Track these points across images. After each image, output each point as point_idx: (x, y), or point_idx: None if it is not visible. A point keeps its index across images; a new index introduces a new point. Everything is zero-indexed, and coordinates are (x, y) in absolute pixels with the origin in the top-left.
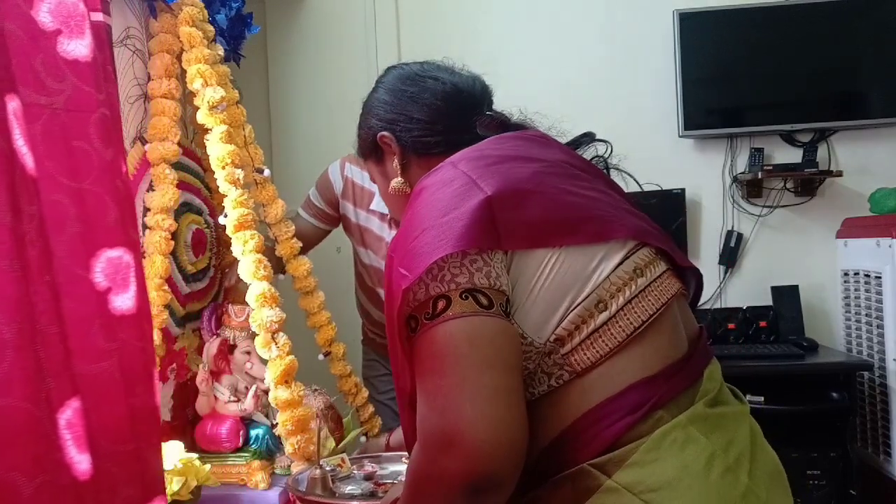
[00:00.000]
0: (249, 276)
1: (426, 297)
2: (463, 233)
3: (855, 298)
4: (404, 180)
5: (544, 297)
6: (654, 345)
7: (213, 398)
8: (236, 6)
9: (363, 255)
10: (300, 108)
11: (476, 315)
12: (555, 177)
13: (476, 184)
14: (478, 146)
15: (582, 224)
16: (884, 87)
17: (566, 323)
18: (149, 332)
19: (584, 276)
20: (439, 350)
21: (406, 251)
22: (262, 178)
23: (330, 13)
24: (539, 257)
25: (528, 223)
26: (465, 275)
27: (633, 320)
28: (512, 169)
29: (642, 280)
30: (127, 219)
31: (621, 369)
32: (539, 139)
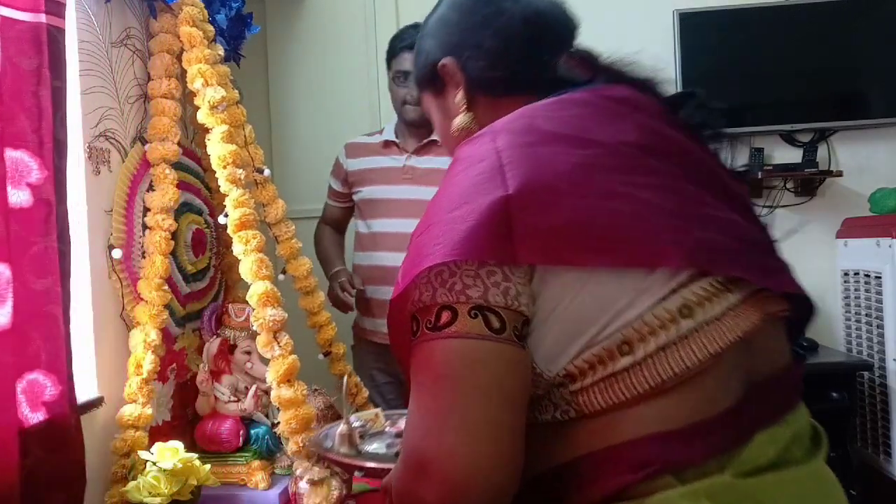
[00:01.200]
0: (250, 275)
1: (431, 303)
2: (465, 238)
3: (855, 298)
4: (473, 116)
5: (561, 325)
6: (683, 395)
7: (213, 398)
8: (236, 6)
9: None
10: (300, 108)
11: (483, 339)
12: (607, 171)
13: (501, 172)
14: (535, 108)
15: (622, 242)
16: (884, 87)
17: (580, 360)
18: (18, 346)
19: (612, 308)
20: (435, 368)
21: (417, 238)
22: (263, 177)
23: (330, 13)
24: (563, 277)
25: (551, 233)
26: (478, 288)
27: (661, 372)
28: (553, 156)
29: (688, 323)
30: (11, 234)
31: (635, 417)
32: (617, 103)
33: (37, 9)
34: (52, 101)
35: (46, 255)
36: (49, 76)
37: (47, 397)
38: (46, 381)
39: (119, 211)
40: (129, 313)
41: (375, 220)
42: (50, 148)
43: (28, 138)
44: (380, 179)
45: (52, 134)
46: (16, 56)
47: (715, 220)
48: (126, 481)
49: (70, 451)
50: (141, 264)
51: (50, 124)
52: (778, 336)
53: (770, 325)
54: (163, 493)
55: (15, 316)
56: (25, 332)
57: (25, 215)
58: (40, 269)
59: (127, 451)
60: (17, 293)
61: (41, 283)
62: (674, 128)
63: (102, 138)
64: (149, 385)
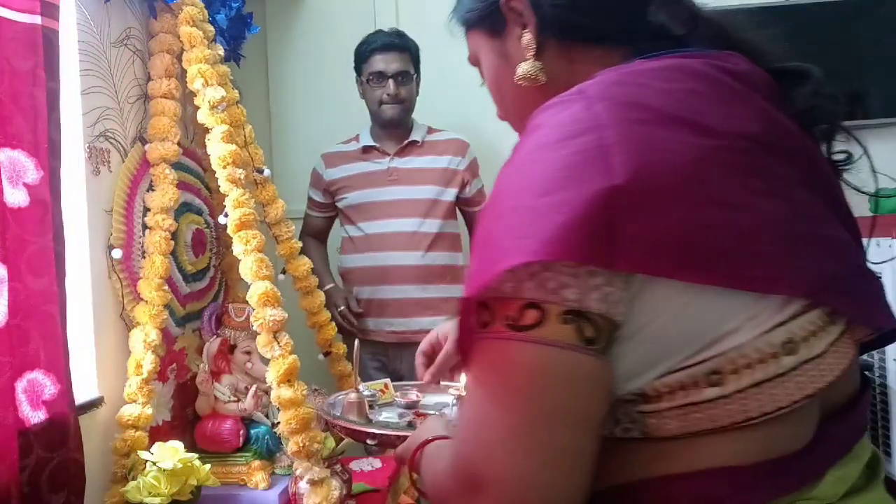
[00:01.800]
0: (251, 275)
1: (514, 296)
2: (562, 234)
3: None
4: (542, 65)
5: (649, 345)
6: (763, 433)
7: (213, 398)
8: (236, 6)
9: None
10: (300, 108)
11: (573, 350)
12: (727, 172)
13: (606, 154)
14: (639, 72)
15: (739, 260)
16: (884, 87)
17: (659, 383)
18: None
19: (711, 334)
20: (511, 375)
21: (493, 222)
22: (262, 177)
23: (330, 13)
24: (665, 291)
25: (661, 241)
26: (576, 289)
27: (751, 409)
28: (669, 145)
29: (789, 360)
30: (9, 234)
31: (708, 448)
32: (734, 79)
33: (32, 10)
34: (46, 102)
35: (43, 255)
36: (44, 77)
37: (47, 396)
38: (46, 381)
39: (119, 211)
40: (129, 313)
41: (368, 223)
42: (45, 148)
43: (25, 138)
44: (364, 184)
45: (48, 134)
46: (12, 57)
47: (832, 241)
48: (126, 481)
49: (70, 450)
50: (141, 264)
51: (45, 125)
52: (853, 363)
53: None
54: (163, 493)
55: (12, 315)
56: (24, 332)
57: (22, 215)
58: (37, 269)
59: (127, 451)
60: (14, 292)
61: (38, 283)
62: (787, 114)
63: (102, 138)
64: (149, 385)
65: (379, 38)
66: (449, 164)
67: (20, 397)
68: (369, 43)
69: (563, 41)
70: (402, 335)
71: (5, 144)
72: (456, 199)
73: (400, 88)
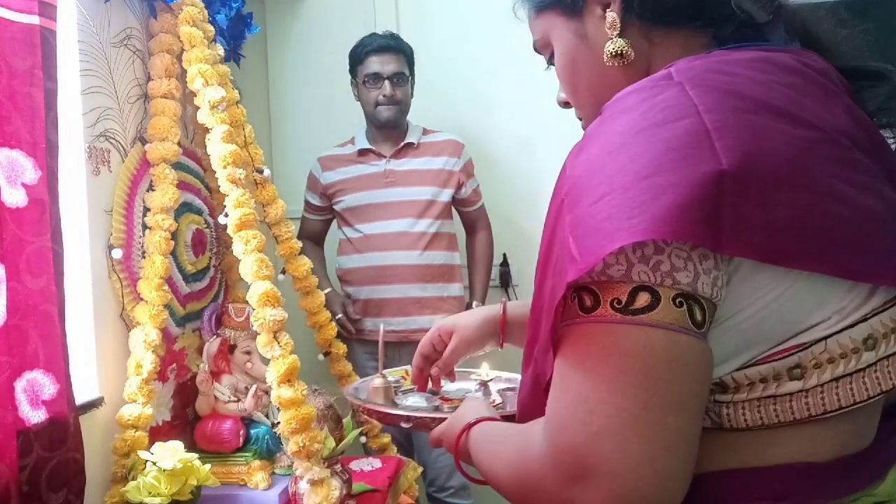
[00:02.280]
0: (251, 275)
1: (624, 279)
2: (674, 213)
3: None
4: (627, 44)
5: (736, 333)
6: (837, 429)
7: (213, 398)
8: (236, 6)
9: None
10: (300, 108)
11: (687, 333)
12: (828, 164)
13: (709, 138)
14: (730, 61)
15: (839, 247)
16: None
17: (740, 374)
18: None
19: (798, 325)
20: (623, 358)
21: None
22: (262, 177)
23: (330, 13)
24: (760, 278)
25: (767, 227)
26: (689, 272)
27: (828, 403)
28: (770, 133)
29: (870, 355)
30: (7, 234)
31: (781, 443)
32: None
33: (30, 10)
34: (44, 102)
35: (41, 255)
36: (42, 77)
37: (46, 396)
38: (45, 380)
39: (119, 211)
40: (129, 313)
41: (365, 225)
42: (43, 148)
43: (23, 138)
44: (362, 187)
45: (45, 134)
46: (9, 57)
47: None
48: (126, 481)
49: (69, 449)
50: (141, 264)
51: (43, 125)
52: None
53: None
54: (163, 494)
55: (11, 315)
56: (23, 332)
57: (21, 215)
58: (35, 269)
59: (127, 451)
60: (13, 292)
61: (37, 283)
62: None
63: (102, 138)
64: (149, 385)
65: (374, 40)
66: (444, 166)
67: (19, 397)
68: (364, 45)
69: (645, 22)
70: (400, 334)
71: (3, 144)
72: (452, 199)
73: (395, 90)
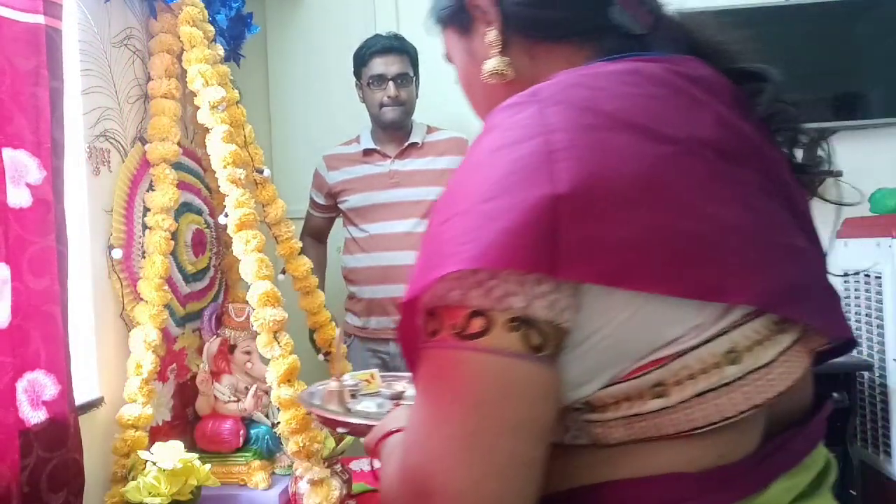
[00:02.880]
0: (251, 275)
1: (459, 305)
2: (502, 241)
3: (855, 298)
4: (507, 62)
5: (595, 354)
6: (712, 440)
7: (213, 398)
8: (236, 6)
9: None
10: (300, 108)
11: (520, 359)
12: (682, 178)
13: (550, 161)
14: (597, 74)
15: (688, 269)
16: (884, 87)
17: (604, 393)
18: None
19: (654, 342)
20: (458, 384)
21: (439, 227)
22: (262, 177)
23: (330, 13)
24: (611, 300)
25: (607, 249)
26: (523, 297)
27: (696, 419)
28: (621, 150)
29: (733, 370)
30: (10, 234)
31: (658, 452)
32: (692, 84)
33: (35, 10)
34: (49, 102)
35: (45, 255)
36: (47, 77)
37: (48, 397)
38: (47, 381)
39: (119, 211)
40: (129, 313)
41: (370, 224)
42: (48, 148)
43: (27, 138)
44: (366, 187)
45: (51, 134)
46: (14, 56)
47: (790, 249)
48: (126, 481)
49: (69, 450)
50: (141, 264)
51: (48, 124)
52: (808, 373)
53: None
54: (163, 494)
55: (14, 315)
56: (25, 332)
57: (24, 215)
58: (39, 269)
59: (127, 451)
60: (15, 293)
61: (40, 283)
62: (747, 120)
63: (102, 138)
64: (149, 385)
65: (378, 41)
66: (448, 165)
67: (21, 397)
68: (368, 47)
69: (527, 39)
70: None
71: (7, 144)
72: None
73: (400, 91)
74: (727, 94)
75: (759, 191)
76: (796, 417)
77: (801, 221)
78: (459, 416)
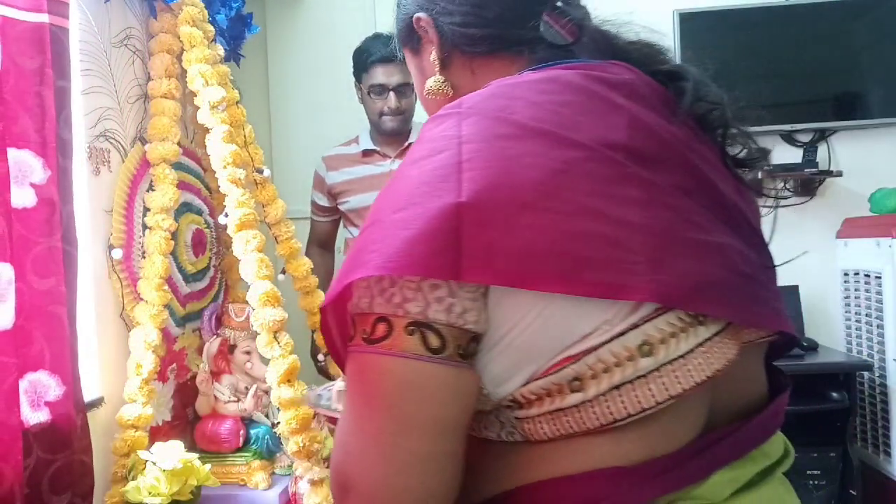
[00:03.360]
0: (251, 275)
1: (368, 311)
2: (404, 249)
3: (855, 298)
4: (445, 79)
5: (511, 352)
6: (639, 433)
7: (213, 398)
8: (236, 6)
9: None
10: (300, 108)
11: (418, 360)
12: (586, 182)
13: (458, 171)
14: (517, 84)
15: (587, 268)
16: (884, 87)
17: (526, 390)
18: (20, 346)
19: (563, 341)
20: (367, 386)
21: (361, 234)
22: (262, 178)
23: (330, 13)
24: (518, 300)
25: (508, 254)
26: (419, 302)
27: (616, 410)
28: (525, 158)
29: (647, 362)
30: (14, 234)
31: (587, 449)
32: (610, 89)
33: (39, 9)
34: (55, 101)
35: (50, 256)
36: (52, 76)
37: (51, 397)
38: (51, 381)
39: (119, 211)
40: (129, 313)
41: None
42: (54, 148)
43: (31, 138)
44: (366, 188)
45: (56, 133)
46: (18, 56)
47: (705, 246)
48: (126, 481)
49: (75, 451)
50: (141, 264)
51: (53, 124)
52: (750, 365)
53: (749, 352)
54: (163, 494)
55: (18, 316)
56: (28, 332)
57: (28, 215)
58: (43, 270)
59: (127, 451)
60: (19, 293)
61: (44, 284)
62: (673, 120)
63: (102, 138)
64: (149, 385)
65: (378, 48)
66: None
67: (23, 398)
68: (370, 53)
69: (464, 55)
70: None
71: (11, 144)
72: None
73: (401, 101)
74: (655, 97)
75: (677, 190)
76: (747, 411)
77: (728, 217)
78: (369, 415)
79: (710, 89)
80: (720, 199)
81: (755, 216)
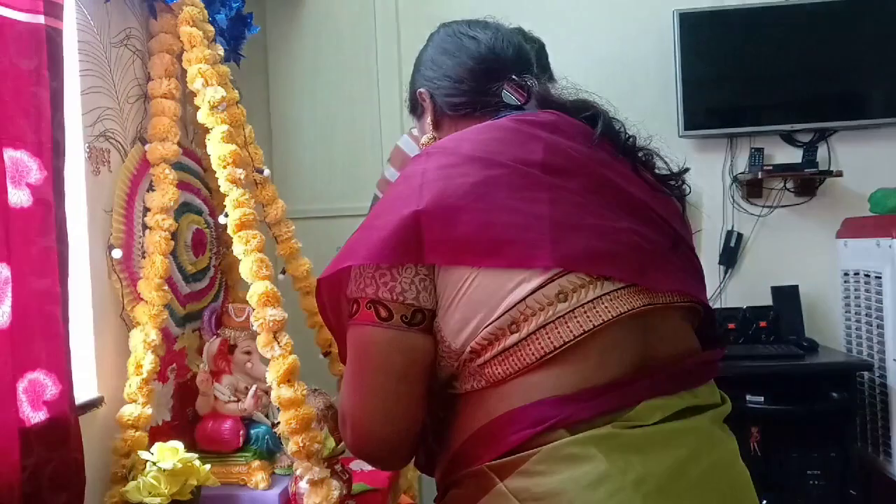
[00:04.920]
0: (251, 275)
1: (349, 297)
2: (377, 246)
3: (855, 298)
4: (434, 136)
5: (460, 310)
6: (575, 367)
7: (213, 398)
8: (236, 6)
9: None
10: (300, 108)
11: (374, 326)
12: (505, 189)
13: (420, 191)
14: (469, 131)
15: (505, 247)
16: (884, 87)
17: (479, 339)
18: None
19: (497, 296)
20: (351, 346)
21: (355, 233)
22: (262, 177)
23: (330, 13)
24: (459, 273)
25: (451, 241)
26: (372, 286)
27: (545, 344)
28: (462, 177)
29: (564, 305)
30: (11, 234)
31: (534, 384)
32: (532, 127)
33: (35, 10)
34: (50, 102)
35: (46, 256)
36: (47, 77)
37: (48, 397)
38: (47, 381)
39: (119, 211)
40: (129, 313)
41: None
42: (49, 148)
43: (27, 139)
44: None
45: (51, 134)
46: (14, 57)
47: (601, 228)
48: (126, 481)
49: (70, 450)
50: (141, 264)
51: (49, 125)
52: (676, 323)
53: (669, 312)
54: (163, 494)
55: (14, 316)
56: (25, 332)
57: (25, 215)
58: (40, 269)
59: (127, 451)
60: (16, 293)
61: (41, 283)
62: (592, 146)
63: (102, 138)
64: (149, 385)
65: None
66: None
67: (21, 397)
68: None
69: (451, 118)
70: None
71: (8, 145)
72: None
73: None
74: (574, 131)
75: (583, 190)
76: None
77: (632, 209)
78: (352, 365)
79: (619, 125)
80: (626, 197)
81: (666, 210)
